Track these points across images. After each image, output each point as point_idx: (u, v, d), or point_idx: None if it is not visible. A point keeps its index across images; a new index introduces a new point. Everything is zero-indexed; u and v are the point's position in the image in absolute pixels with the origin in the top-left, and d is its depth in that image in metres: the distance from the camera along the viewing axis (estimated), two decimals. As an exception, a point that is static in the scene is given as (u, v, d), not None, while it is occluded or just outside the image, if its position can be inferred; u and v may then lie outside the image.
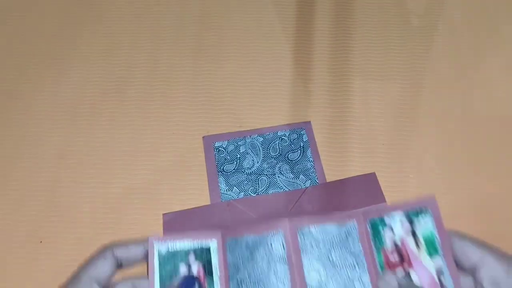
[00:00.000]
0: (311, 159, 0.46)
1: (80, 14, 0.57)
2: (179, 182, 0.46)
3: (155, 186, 0.45)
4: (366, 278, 0.33)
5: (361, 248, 0.34)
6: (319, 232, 0.34)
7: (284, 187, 0.45)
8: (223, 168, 0.46)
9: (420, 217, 0.32)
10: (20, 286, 0.41)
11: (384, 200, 0.42)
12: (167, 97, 0.51)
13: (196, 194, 0.45)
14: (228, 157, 0.47)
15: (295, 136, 0.48)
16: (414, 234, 0.32)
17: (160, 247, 0.33)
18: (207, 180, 0.46)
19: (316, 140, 0.47)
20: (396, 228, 0.32)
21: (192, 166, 0.46)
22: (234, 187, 0.45)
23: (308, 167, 0.46)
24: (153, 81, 0.52)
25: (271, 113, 0.49)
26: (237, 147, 0.47)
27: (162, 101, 0.51)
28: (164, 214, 0.42)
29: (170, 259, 0.34)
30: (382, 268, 0.32)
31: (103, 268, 0.30)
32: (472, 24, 0.55)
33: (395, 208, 0.32)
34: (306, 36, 0.55)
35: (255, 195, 0.44)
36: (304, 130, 0.48)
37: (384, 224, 0.33)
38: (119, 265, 0.30)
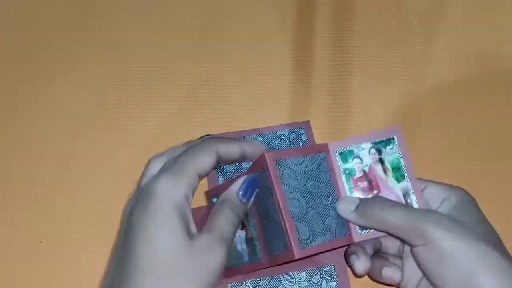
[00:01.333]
0: (310, 159, 0.46)
1: (80, 14, 0.58)
2: (179, 182, 0.46)
3: (155, 186, 0.46)
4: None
5: (330, 177, 0.36)
6: (293, 163, 0.35)
7: (283, 187, 0.44)
8: (223, 168, 0.46)
9: (387, 147, 0.34)
10: (20, 286, 0.41)
11: None
12: (167, 97, 0.51)
13: (195, 194, 0.45)
14: (228, 157, 0.46)
15: (294, 135, 0.48)
16: (382, 161, 0.34)
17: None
18: (206, 180, 0.46)
19: (316, 140, 0.47)
20: (365, 157, 0.35)
21: (192, 166, 0.46)
22: (234, 187, 0.45)
23: (308, 167, 0.46)
24: (153, 81, 0.52)
25: (270, 112, 0.50)
26: (236, 147, 0.47)
27: (162, 101, 0.51)
28: None
29: None
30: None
31: (207, 163, 0.31)
32: (473, 24, 0.55)
33: (363, 140, 0.35)
34: (306, 36, 0.55)
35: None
36: (303, 130, 0.48)
37: (352, 154, 0.35)
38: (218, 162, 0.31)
